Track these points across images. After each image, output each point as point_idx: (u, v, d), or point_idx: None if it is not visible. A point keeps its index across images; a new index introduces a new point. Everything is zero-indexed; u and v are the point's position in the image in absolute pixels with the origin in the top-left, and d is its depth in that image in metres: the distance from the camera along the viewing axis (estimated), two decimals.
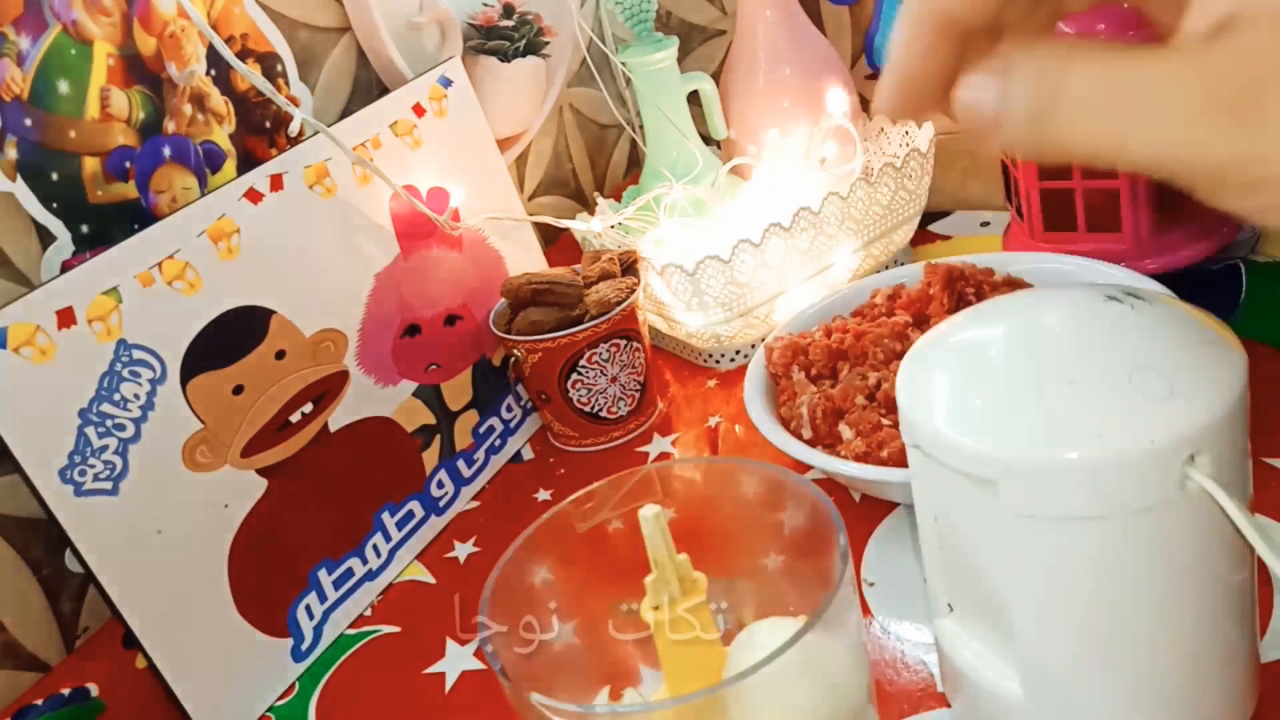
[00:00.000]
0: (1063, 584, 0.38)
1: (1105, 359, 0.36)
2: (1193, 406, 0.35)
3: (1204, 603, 0.37)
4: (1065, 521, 0.36)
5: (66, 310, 0.56)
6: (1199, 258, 0.73)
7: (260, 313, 0.64)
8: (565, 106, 1.01)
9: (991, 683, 0.42)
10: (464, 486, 0.76)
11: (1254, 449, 0.59)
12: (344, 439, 0.68)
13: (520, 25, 0.86)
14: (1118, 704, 0.39)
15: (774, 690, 0.36)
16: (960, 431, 0.38)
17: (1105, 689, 0.39)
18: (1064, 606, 0.38)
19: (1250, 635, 0.40)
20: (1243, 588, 0.39)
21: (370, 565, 0.69)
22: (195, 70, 0.68)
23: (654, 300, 0.81)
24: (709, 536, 0.47)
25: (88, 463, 0.56)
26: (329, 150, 0.69)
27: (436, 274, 0.76)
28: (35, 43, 0.60)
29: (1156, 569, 0.36)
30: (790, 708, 0.37)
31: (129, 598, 0.56)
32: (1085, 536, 0.36)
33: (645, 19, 0.87)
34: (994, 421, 0.37)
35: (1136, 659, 0.38)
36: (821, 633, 0.36)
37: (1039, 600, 0.38)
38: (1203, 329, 0.38)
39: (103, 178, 0.63)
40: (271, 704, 0.62)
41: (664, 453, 0.75)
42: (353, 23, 0.79)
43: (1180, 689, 0.39)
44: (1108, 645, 0.38)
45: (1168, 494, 0.35)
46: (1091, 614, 0.38)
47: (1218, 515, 0.36)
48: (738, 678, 0.35)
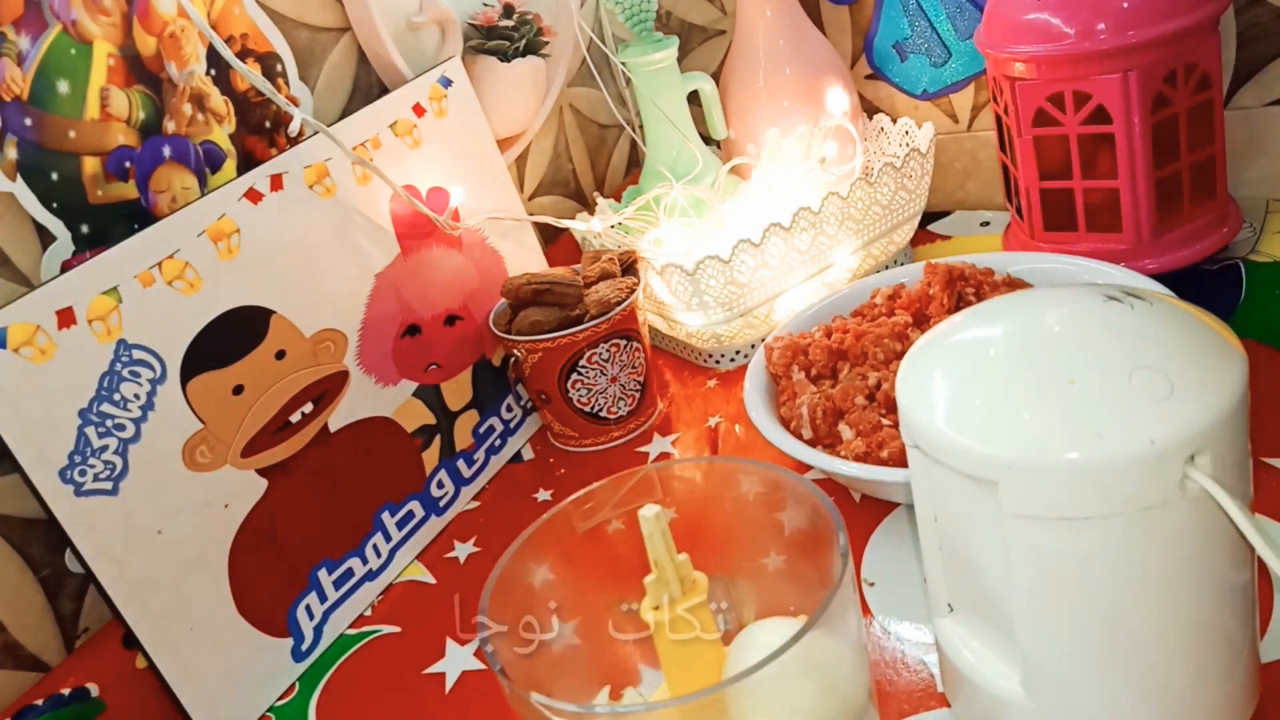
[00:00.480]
0: (1062, 584, 0.38)
1: (1105, 359, 0.36)
2: (1193, 406, 0.35)
3: (1204, 602, 0.37)
4: (1065, 522, 0.36)
5: (66, 310, 0.56)
6: (1199, 258, 0.73)
7: (260, 313, 0.64)
8: (565, 106, 1.01)
9: (992, 683, 0.42)
10: (464, 486, 0.76)
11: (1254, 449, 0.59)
12: (344, 439, 0.68)
13: (520, 25, 0.86)
14: (1118, 704, 0.39)
15: (774, 690, 0.36)
16: (960, 431, 0.38)
17: (1105, 689, 0.39)
18: (1063, 606, 0.38)
19: (1251, 635, 0.40)
20: (1243, 587, 0.39)
21: (370, 565, 0.69)
22: (195, 70, 0.68)
23: (654, 300, 0.81)
24: (709, 536, 0.47)
25: (87, 463, 0.56)
26: (329, 150, 0.69)
27: (436, 274, 0.76)
28: (35, 43, 0.60)
29: (1156, 569, 0.36)
30: (791, 707, 0.37)
31: (129, 598, 0.56)
32: (1085, 537, 0.36)
33: (645, 19, 0.87)
34: (994, 421, 0.37)
35: (1137, 659, 0.38)
36: (822, 632, 0.36)
37: (1039, 600, 0.38)
38: (1203, 328, 0.38)
39: (103, 178, 0.63)
40: (271, 704, 0.62)
41: (664, 453, 0.75)
42: (352, 22, 0.79)
43: (1181, 688, 0.39)
44: (1108, 645, 0.38)
45: (1167, 494, 0.35)
46: (1091, 614, 0.38)
47: (1218, 515, 0.36)
48: (738, 677, 0.35)
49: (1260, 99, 0.81)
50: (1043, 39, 0.69)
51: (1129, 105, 0.68)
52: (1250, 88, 0.80)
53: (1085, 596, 0.37)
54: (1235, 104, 0.81)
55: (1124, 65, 0.67)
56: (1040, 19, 0.69)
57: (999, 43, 0.72)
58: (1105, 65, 0.67)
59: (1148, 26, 0.66)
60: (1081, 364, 0.37)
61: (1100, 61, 0.67)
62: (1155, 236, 0.72)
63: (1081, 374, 0.36)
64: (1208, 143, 0.71)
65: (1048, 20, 0.68)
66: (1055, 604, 0.38)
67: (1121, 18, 0.66)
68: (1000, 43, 0.72)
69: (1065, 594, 0.38)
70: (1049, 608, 0.38)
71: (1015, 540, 0.38)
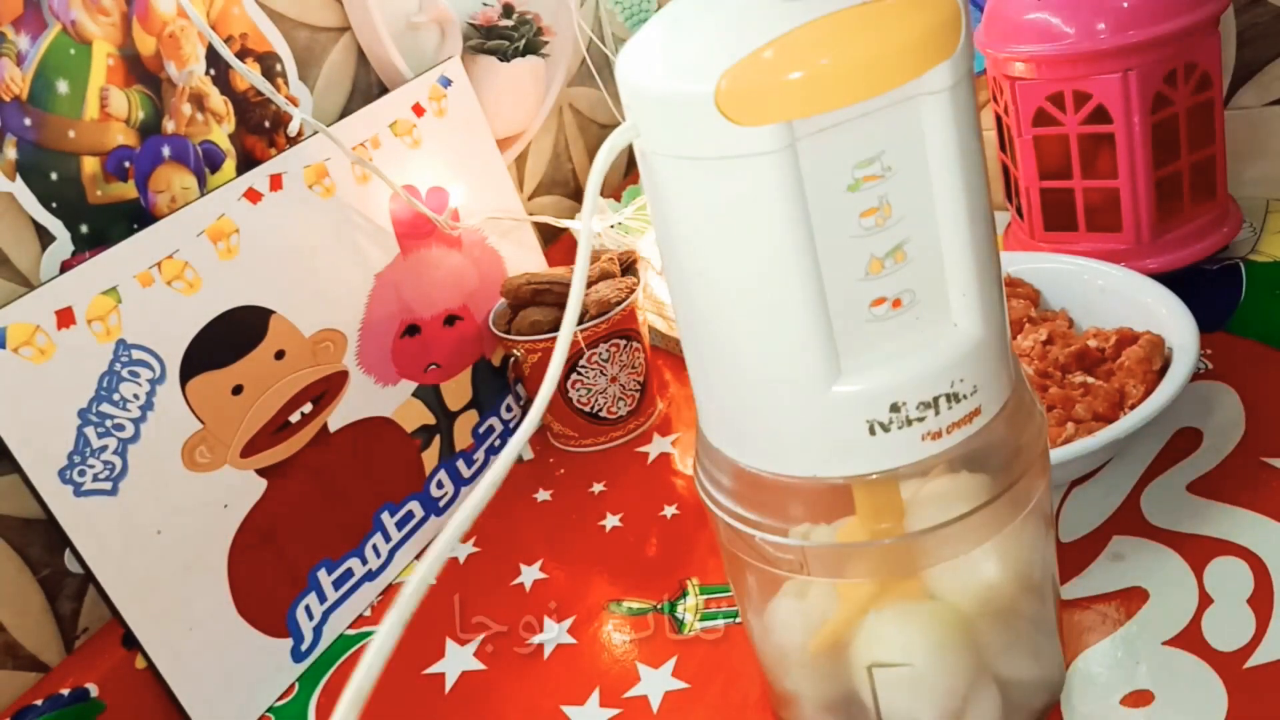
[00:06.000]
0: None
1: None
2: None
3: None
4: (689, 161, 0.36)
5: (66, 310, 0.56)
6: (1199, 258, 0.73)
7: (260, 313, 0.64)
8: (565, 106, 1.01)
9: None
10: (464, 486, 0.76)
11: (1254, 449, 0.59)
12: (344, 439, 0.68)
13: (520, 25, 0.86)
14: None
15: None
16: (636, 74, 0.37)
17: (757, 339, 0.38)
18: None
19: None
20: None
21: (370, 565, 0.69)
22: (194, 70, 0.68)
23: (654, 300, 0.81)
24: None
25: (87, 463, 0.56)
26: (328, 150, 0.69)
27: (436, 274, 0.76)
28: (35, 42, 0.60)
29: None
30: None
31: (129, 598, 0.56)
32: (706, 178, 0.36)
33: (645, 19, 0.87)
34: (643, 60, 0.37)
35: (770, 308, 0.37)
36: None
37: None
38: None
39: (102, 178, 0.63)
40: (271, 704, 0.62)
41: (664, 453, 0.75)
42: (352, 22, 0.79)
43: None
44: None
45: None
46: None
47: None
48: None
49: (1260, 99, 0.81)
50: (1043, 39, 0.69)
51: (1129, 105, 0.68)
52: (1250, 88, 0.80)
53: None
54: (1235, 104, 0.81)
55: (1124, 65, 0.67)
56: (1040, 19, 0.69)
57: (999, 42, 0.72)
58: (1105, 65, 0.67)
59: (1148, 26, 0.66)
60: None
61: (1100, 61, 0.67)
62: (1155, 236, 0.72)
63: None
64: (1208, 143, 0.71)
65: (1048, 20, 0.68)
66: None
67: (1121, 17, 0.66)
68: (1000, 42, 0.72)
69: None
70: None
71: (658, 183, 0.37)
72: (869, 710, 0.44)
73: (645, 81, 0.36)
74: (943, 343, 0.38)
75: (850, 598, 0.43)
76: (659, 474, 0.73)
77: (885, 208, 0.36)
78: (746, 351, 0.38)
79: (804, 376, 0.37)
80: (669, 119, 0.36)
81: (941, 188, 0.36)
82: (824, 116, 0.34)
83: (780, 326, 0.37)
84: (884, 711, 0.44)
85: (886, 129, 0.35)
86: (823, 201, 0.35)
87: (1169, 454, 0.60)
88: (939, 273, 0.38)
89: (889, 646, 0.43)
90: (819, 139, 0.34)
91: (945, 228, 0.37)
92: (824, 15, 0.34)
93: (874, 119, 0.35)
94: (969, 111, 0.36)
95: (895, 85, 0.34)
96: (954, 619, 0.43)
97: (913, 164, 0.36)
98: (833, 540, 0.41)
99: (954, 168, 0.36)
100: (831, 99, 0.34)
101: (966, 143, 0.36)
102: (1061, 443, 0.56)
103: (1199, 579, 0.52)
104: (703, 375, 0.41)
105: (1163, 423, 0.62)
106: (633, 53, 0.37)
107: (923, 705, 0.43)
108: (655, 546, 0.65)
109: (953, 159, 0.36)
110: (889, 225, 0.36)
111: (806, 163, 0.34)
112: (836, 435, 0.38)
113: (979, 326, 0.38)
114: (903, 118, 0.35)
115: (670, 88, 0.35)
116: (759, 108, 0.33)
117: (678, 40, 0.37)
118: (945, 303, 0.38)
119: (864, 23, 0.34)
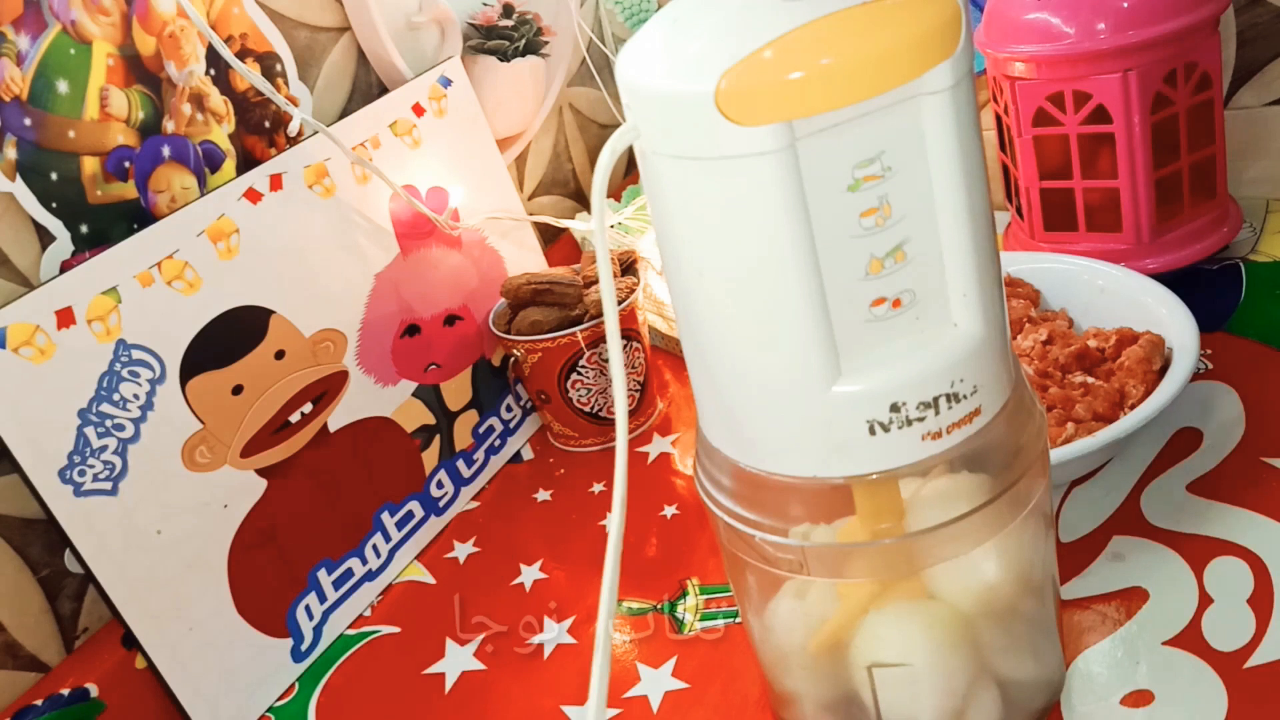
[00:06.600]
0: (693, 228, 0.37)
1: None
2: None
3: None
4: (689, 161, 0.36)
5: (66, 310, 0.56)
6: (1199, 258, 0.73)
7: (260, 313, 0.64)
8: (565, 106, 1.01)
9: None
10: (464, 486, 0.76)
11: (1254, 449, 0.59)
12: (344, 439, 0.68)
13: (520, 25, 0.86)
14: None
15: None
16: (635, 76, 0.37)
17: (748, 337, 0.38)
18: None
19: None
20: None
21: (370, 565, 0.69)
22: (194, 70, 0.68)
23: (654, 300, 0.81)
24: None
25: (87, 463, 0.56)
26: (328, 150, 0.69)
27: (436, 274, 0.76)
28: (34, 42, 0.60)
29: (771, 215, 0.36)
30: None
31: (129, 598, 0.56)
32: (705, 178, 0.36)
33: (645, 19, 0.87)
34: (643, 60, 0.37)
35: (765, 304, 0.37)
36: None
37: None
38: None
39: (102, 178, 0.63)
40: (271, 704, 0.62)
41: (664, 453, 0.75)
42: (352, 22, 0.79)
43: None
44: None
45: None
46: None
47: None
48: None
49: (1260, 99, 0.81)
50: (1043, 39, 0.69)
51: (1129, 105, 0.68)
52: (1250, 88, 0.80)
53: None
54: (1235, 104, 0.81)
55: (1124, 65, 0.67)
56: (1040, 19, 0.69)
57: (999, 42, 0.72)
58: (1105, 65, 0.67)
59: (1148, 26, 0.66)
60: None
61: (1100, 61, 0.67)
62: (1155, 236, 0.72)
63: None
64: (1208, 142, 0.71)
65: (1048, 20, 0.68)
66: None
67: (1121, 18, 0.66)
68: (1000, 42, 0.72)
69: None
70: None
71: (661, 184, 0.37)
72: (869, 710, 0.44)
73: (645, 81, 0.36)
74: (943, 343, 0.38)
75: (850, 598, 0.43)
76: (659, 474, 0.73)
77: (885, 208, 0.36)
78: (746, 352, 0.38)
79: (804, 376, 0.37)
80: (669, 119, 0.36)
81: (941, 188, 0.36)
82: (824, 116, 0.34)
83: (780, 327, 0.37)
84: (884, 711, 0.44)
85: (886, 129, 0.35)
86: (823, 201, 0.35)
87: (1169, 454, 0.60)
88: (939, 273, 0.38)
89: (889, 646, 0.43)
90: (819, 139, 0.34)
91: (945, 228, 0.37)
92: (824, 15, 0.34)
93: (874, 119, 0.35)
94: (969, 111, 0.36)
95: (895, 85, 0.34)
96: (954, 619, 0.43)
97: (913, 164, 0.36)
98: (833, 540, 0.41)
99: (954, 168, 0.36)
100: (831, 99, 0.34)
101: (966, 143, 0.36)
102: (1061, 443, 0.57)
103: (1199, 579, 0.52)
104: (702, 375, 0.41)
105: (1163, 423, 0.62)
106: (633, 53, 0.37)
107: (923, 705, 0.43)
108: (655, 546, 0.65)
109: (953, 159, 0.36)
110: (889, 225, 0.36)
111: (806, 163, 0.34)
112: (836, 435, 0.38)
113: (979, 326, 0.38)
114: (903, 118, 0.35)
115: (670, 88, 0.35)
116: (759, 108, 0.33)
117: (678, 40, 0.37)
118: (945, 303, 0.38)
119: (864, 23, 0.34)
